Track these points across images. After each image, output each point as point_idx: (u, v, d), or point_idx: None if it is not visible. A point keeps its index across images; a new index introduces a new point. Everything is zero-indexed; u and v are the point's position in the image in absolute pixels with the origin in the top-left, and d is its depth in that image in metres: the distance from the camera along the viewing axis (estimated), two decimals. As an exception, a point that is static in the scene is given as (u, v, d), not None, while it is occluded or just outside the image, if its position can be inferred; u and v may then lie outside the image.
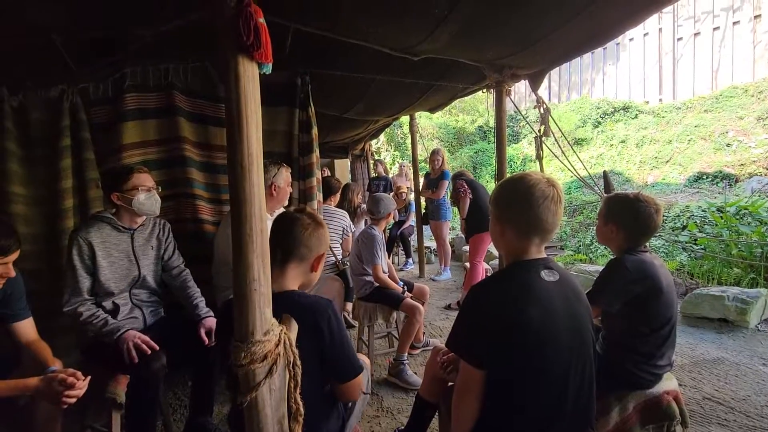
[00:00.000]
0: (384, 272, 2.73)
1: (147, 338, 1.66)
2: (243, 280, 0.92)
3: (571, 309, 1.08)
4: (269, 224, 1.05)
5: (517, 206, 1.11)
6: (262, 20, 0.83)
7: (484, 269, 3.97)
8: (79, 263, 1.70)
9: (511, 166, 11.16)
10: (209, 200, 2.48)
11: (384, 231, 2.98)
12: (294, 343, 0.98)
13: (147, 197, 1.80)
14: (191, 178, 2.39)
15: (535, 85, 2.81)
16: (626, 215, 1.59)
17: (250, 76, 0.89)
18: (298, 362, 0.98)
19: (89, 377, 1.28)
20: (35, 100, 2.10)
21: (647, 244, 1.64)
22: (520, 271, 1.10)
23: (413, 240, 6.13)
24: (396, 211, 2.98)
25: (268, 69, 0.90)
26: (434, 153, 4.90)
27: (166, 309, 2.00)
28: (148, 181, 1.82)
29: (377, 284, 2.69)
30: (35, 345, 1.50)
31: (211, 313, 1.91)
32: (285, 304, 1.14)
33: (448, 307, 3.96)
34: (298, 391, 0.98)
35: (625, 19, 1.94)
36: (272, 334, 0.90)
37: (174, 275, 1.98)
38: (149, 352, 1.62)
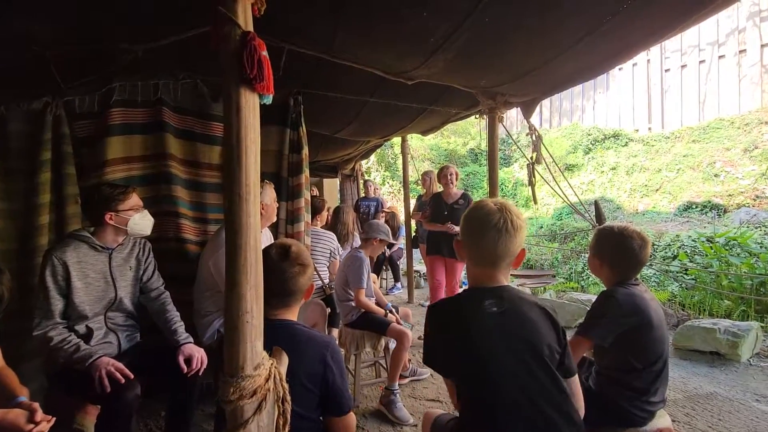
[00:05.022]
0: (371, 296, 2.73)
1: (121, 366, 1.61)
2: (235, 311, 0.92)
3: (511, 343, 1.07)
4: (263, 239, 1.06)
5: (471, 235, 1.18)
6: (265, 53, 0.87)
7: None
8: (53, 284, 1.66)
9: (502, 189, 11.38)
10: (194, 219, 2.47)
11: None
12: (284, 377, 0.98)
13: (141, 217, 1.80)
14: (176, 195, 2.38)
15: (527, 113, 2.92)
16: (612, 250, 1.64)
17: (251, 106, 0.92)
18: (288, 398, 0.97)
19: (53, 419, 1.23)
20: (17, 112, 2.09)
21: (638, 276, 1.69)
22: (465, 298, 1.17)
23: (402, 263, 6.12)
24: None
25: (268, 100, 0.93)
26: (426, 175, 4.99)
27: (143, 333, 1.95)
28: (140, 201, 1.84)
29: (363, 309, 2.68)
30: (1, 373, 1.45)
31: (191, 339, 1.87)
32: (286, 334, 1.18)
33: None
34: (287, 429, 0.98)
35: (615, 55, 2.05)
36: (263, 368, 0.90)
37: (152, 297, 1.95)
38: (123, 380, 1.58)
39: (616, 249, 1.63)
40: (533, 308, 1.13)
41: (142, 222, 1.82)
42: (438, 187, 4.39)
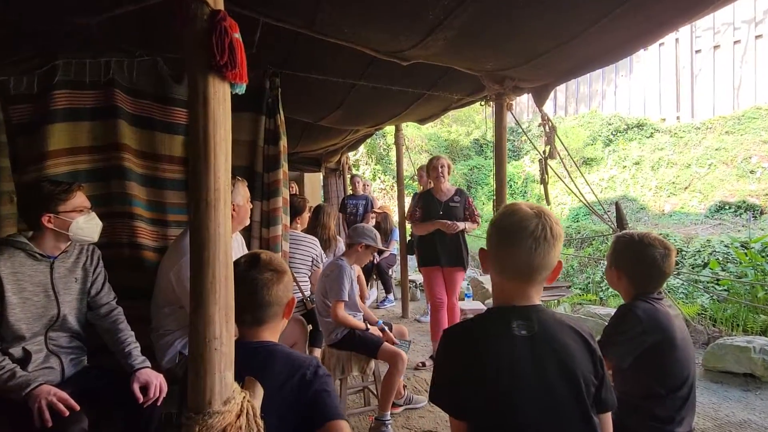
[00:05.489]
0: (355, 312, 2.72)
1: (65, 395, 1.59)
2: (201, 337, 0.91)
3: (541, 374, 1.07)
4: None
5: (502, 244, 1.17)
6: (237, 36, 0.86)
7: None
8: (-18, 299, 1.63)
9: (511, 186, 11.48)
10: (151, 221, 2.44)
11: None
12: (258, 412, 0.97)
13: (86, 220, 1.77)
14: (130, 193, 2.35)
15: (539, 101, 2.95)
16: (631, 261, 1.68)
17: (221, 97, 0.91)
18: (264, 436, 0.97)
19: None
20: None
21: (661, 290, 1.72)
22: (488, 319, 1.16)
23: (395, 272, 6.13)
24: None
25: (241, 89, 0.92)
26: (423, 169, 4.99)
27: (91, 356, 1.93)
28: (86, 201, 1.80)
29: (346, 326, 2.68)
30: None
31: (148, 363, 1.85)
32: (260, 359, 1.18)
33: (421, 366, 3.75)
34: (262, 472, 0.97)
35: (640, 36, 2.08)
36: (233, 402, 0.89)
37: (102, 314, 1.93)
38: (67, 413, 1.55)
39: (636, 259, 1.66)
40: (568, 332, 1.13)
41: (87, 226, 1.79)
42: None
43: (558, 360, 1.08)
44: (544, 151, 3.08)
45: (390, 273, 5.94)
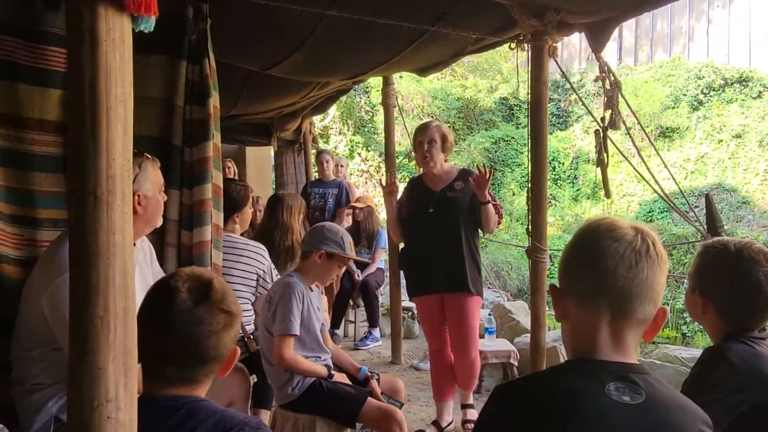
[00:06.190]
0: (319, 355, 2.72)
1: None
2: (86, 399, 0.90)
3: None
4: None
5: (582, 259, 1.20)
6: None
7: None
8: None
9: (554, 168, 11.58)
10: (11, 219, 2.42)
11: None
12: None
13: None
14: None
15: (596, 43, 2.98)
16: (723, 283, 1.68)
17: (119, 38, 0.91)
18: None
19: None
20: None
21: (766, 326, 1.74)
22: (569, 376, 1.17)
23: (382, 295, 6.13)
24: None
25: (148, 25, 0.92)
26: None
27: None
28: None
29: (308, 377, 2.69)
30: None
31: (6, 431, 1.85)
32: (180, 422, 1.20)
33: None
34: None
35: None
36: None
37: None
38: None
39: (730, 281, 1.67)
40: (679, 406, 1.16)
41: None
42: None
43: None
44: (602, 118, 3.12)
45: (377, 297, 5.97)
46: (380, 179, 4.47)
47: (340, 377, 2.80)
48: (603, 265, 1.15)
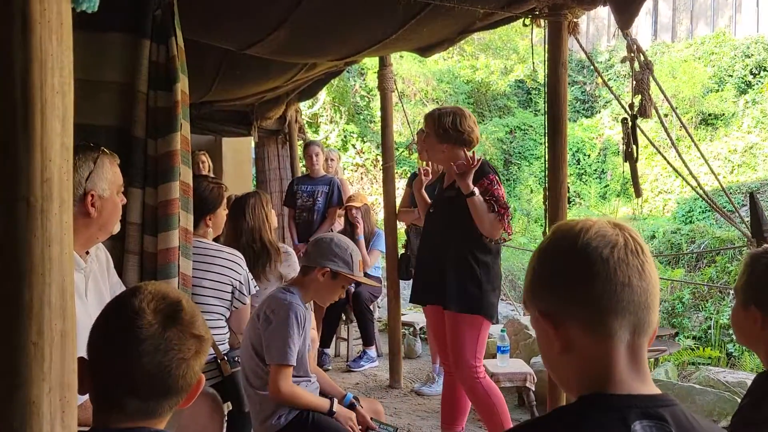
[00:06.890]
0: (305, 379, 2.72)
1: None
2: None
3: None
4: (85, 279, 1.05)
5: (574, 277, 1.15)
6: None
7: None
8: None
9: (578, 162, 11.58)
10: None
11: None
12: None
13: None
14: None
15: (623, 18, 2.96)
16: None
17: (55, 20, 0.90)
18: None
19: None
20: None
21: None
22: (588, 419, 1.13)
23: (379, 307, 6.14)
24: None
25: (92, 5, 0.91)
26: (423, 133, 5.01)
27: None
28: None
29: (294, 406, 2.69)
30: None
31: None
32: None
33: None
34: None
35: None
36: None
37: None
38: None
39: None
40: None
41: None
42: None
43: None
44: (631, 104, 3.11)
45: (373, 310, 5.98)
46: (418, 168, 4.49)
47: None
48: (610, 277, 1.11)
